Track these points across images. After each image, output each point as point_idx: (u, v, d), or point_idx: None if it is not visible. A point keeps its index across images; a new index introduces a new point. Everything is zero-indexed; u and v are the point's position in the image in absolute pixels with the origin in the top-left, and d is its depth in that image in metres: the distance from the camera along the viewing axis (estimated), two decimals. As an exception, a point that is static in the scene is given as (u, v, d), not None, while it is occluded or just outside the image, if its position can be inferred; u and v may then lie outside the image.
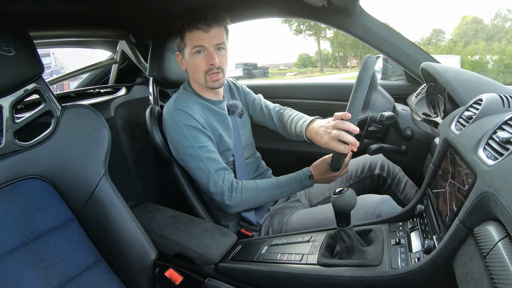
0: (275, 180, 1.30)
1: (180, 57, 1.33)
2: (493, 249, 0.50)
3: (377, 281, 0.80)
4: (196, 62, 1.25)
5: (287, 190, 1.29)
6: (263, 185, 1.28)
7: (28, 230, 0.93)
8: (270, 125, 1.55)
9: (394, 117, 1.17)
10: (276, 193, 1.29)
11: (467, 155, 0.72)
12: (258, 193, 1.26)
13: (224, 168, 1.25)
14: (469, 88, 1.05)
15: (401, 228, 0.98)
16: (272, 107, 1.54)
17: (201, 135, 1.23)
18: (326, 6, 1.40)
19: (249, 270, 1.04)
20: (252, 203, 1.28)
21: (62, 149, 1.02)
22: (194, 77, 1.32)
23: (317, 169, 1.32)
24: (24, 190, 0.95)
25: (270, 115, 1.52)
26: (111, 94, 1.94)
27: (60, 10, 1.32)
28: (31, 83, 0.95)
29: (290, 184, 1.29)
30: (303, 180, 1.30)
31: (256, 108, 1.56)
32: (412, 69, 1.59)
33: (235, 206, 1.25)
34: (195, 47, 1.22)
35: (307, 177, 1.30)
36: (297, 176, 1.31)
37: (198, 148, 1.21)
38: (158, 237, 1.17)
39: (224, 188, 1.22)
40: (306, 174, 1.31)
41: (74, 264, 0.96)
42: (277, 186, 1.28)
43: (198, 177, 1.24)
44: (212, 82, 1.27)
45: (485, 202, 0.56)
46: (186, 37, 1.24)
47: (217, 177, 1.22)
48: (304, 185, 1.30)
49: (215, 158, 1.24)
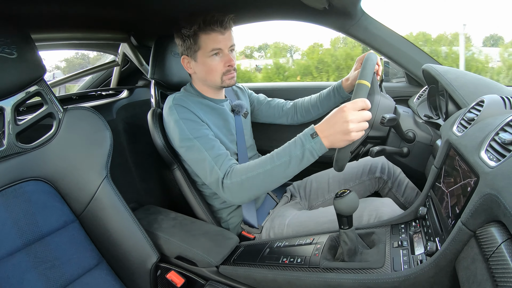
0: (270, 154, 1.08)
1: (187, 60, 1.31)
2: (496, 251, 0.50)
3: (379, 284, 0.80)
4: (214, 64, 1.25)
5: (286, 162, 1.02)
6: (255, 162, 1.09)
7: (30, 232, 0.93)
8: (279, 116, 1.65)
9: (396, 119, 1.17)
10: (273, 169, 1.04)
11: (469, 156, 0.72)
12: (250, 173, 1.06)
13: (222, 154, 1.16)
14: (470, 90, 1.05)
15: (403, 230, 0.98)
16: (279, 100, 1.66)
17: (198, 126, 1.21)
18: (327, 8, 1.40)
19: (250, 273, 1.03)
20: (247, 186, 1.08)
21: (64, 151, 1.02)
22: (208, 79, 1.30)
23: (327, 122, 1.00)
24: (26, 192, 0.96)
25: (279, 106, 1.64)
26: (113, 96, 1.95)
27: (62, 12, 1.32)
28: (33, 85, 0.96)
29: (288, 152, 1.03)
30: (305, 143, 1.01)
31: (263, 103, 1.64)
32: (414, 71, 1.59)
33: (229, 194, 1.11)
34: (212, 50, 1.23)
35: (309, 137, 1.01)
36: (296, 140, 1.05)
37: (196, 139, 1.18)
38: (159, 239, 1.17)
39: (219, 175, 1.11)
40: (307, 133, 1.02)
41: (76, 266, 0.97)
42: (272, 158, 1.05)
43: (198, 169, 1.20)
44: (229, 81, 1.30)
45: (488, 204, 0.56)
46: (201, 39, 1.23)
47: (215, 163, 1.13)
48: (309, 149, 1.00)
49: (213, 145, 1.18)
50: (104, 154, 1.07)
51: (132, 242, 1.06)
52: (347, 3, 1.37)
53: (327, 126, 0.99)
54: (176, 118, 1.21)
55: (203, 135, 1.20)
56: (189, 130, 1.19)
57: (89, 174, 1.04)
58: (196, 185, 1.37)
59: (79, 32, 1.63)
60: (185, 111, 1.22)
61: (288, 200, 1.54)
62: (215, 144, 1.19)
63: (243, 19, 1.70)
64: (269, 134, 1.74)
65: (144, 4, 1.39)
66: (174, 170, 1.34)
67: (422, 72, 1.31)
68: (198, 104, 1.28)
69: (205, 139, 1.19)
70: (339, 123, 0.96)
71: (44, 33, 1.48)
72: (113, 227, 1.05)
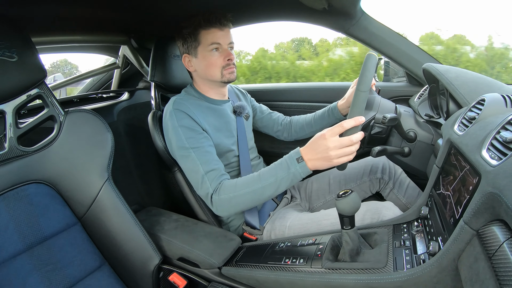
0: (257, 174, 1.12)
1: (187, 58, 1.33)
2: (499, 249, 0.50)
3: (382, 284, 0.80)
4: (213, 58, 1.28)
5: (272, 183, 1.07)
6: (243, 181, 1.13)
7: (32, 235, 0.93)
8: (277, 129, 1.69)
9: (397, 119, 1.17)
10: (258, 189, 1.08)
11: (471, 155, 0.72)
12: (237, 192, 1.11)
13: (215, 170, 1.19)
14: (471, 89, 1.05)
15: (406, 230, 0.97)
16: (280, 114, 1.72)
17: (196, 135, 1.22)
18: (327, 9, 1.40)
19: (253, 274, 1.03)
20: (234, 203, 1.12)
21: (65, 154, 1.02)
22: (209, 74, 1.32)
23: (311, 147, 1.03)
24: (28, 194, 0.96)
25: (279, 119, 1.69)
26: (114, 99, 1.95)
27: (62, 15, 1.33)
28: (33, 88, 0.96)
29: (274, 174, 1.07)
30: (290, 166, 1.05)
31: (265, 113, 1.68)
32: (414, 71, 1.59)
33: (217, 208, 1.16)
34: (212, 44, 1.26)
35: (294, 161, 1.05)
36: (282, 162, 1.09)
37: (192, 149, 1.19)
38: (162, 241, 1.18)
39: (209, 190, 1.15)
40: (293, 157, 1.06)
41: (78, 268, 0.97)
42: (258, 180, 1.09)
43: (190, 178, 1.22)
44: (229, 75, 1.32)
45: (490, 202, 0.56)
46: (201, 35, 1.26)
47: (207, 178, 1.17)
48: (293, 173, 1.04)
49: (208, 159, 1.20)
50: (105, 156, 1.07)
51: (134, 244, 1.06)
52: (346, 3, 1.37)
53: (310, 150, 1.03)
54: (174, 125, 1.21)
55: (200, 146, 1.20)
56: (186, 139, 1.20)
57: (90, 177, 1.04)
58: None
59: (80, 34, 1.63)
60: (185, 117, 1.22)
61: (288, 201, 1.54)
62: (209, 158, 1.20)
63: (243, 20, 1.70)
64: (271, 137, 1.75)
65: (144, 6, 1.40)
66: (175, 172, 1.34)
67: (422, 71, 1.31)
68: (198, 108, 1.28)
69: (201, 151, 1.20)
70: (320, 149, 1.00)
71: (44, 36, 1.49)
72: (115, 229, 1.05)
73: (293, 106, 2.13)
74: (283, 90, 2.20)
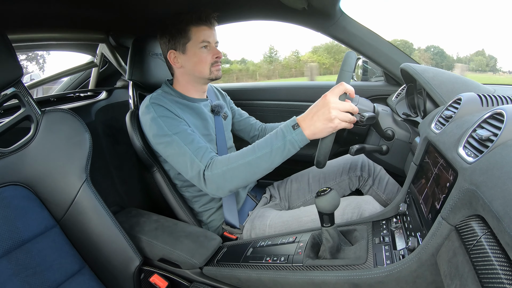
0: (251, 145, 1.08)
1: (174, 55, 1.32)
2: (477, 244, 0.51)
3: (363, 280, 0.81)
4: (203, 55, 1.30)
5: (267, 153, 1.02)
6: (237, 153, 1.08)
7: (10, 238, 0.90)
8: (253, 135, 1.68)
9: (375, 118, 1.18)
10: (253, 159, 1.04)
11: (448, 153, 0.73)
12: (231, 164, 1.06)
13: (203, 147, 1.15)
14: (448, 88, 1.08)
15: (385, 226, 0.99)
16: (256, 120, 1.73)
17: (177, 123, 1.20)
18: (307, 9, 1.42)
19: (235, 273, 1.03)
20: (228, 177, 1.06)
21: (42, 155, 1.00)
22: (197, 70, 1.32)
23: (310, 111, 1.00)
24: (4, 197, 0.93)
25: (255, 125, 1.68)
26: (92, 98, 1.91)
27: (40, 12, 1.29)
28: (10, 87, 0.93)
29: (269, 144, 1.03)
30: (286, 134, 1.01)
31: (243, 117, 1.68)
32: (392, 70, 1.62)
33: (211, 186, 1.10)
34: (202, 42, 1.28)
35: (290, 128, 1.02)
36: (277, 131, 1.04)
37: (175, 134, 1.16)
38: (142, 242, 1.16)
39: (201, 167, 1.10)
40: (289, 124, 1.03)
41: (58, 272, 0.94)
42: (253, 150, 1.05)
43: (178, 163, 1.17)
44: (217, 72, 1.35)
45: (467, 198, 0.58)
46: (191, 32, 1.27)
47: (195, 156, 1.12)
48: (290, 141, 1.01)
49: (193, 139, 1.17)
50: (83, 157, 1.05)
51: (114, 246, 1.04)
52: (326, 4, 1.39)
53: (309, 115, 0.99)
54: (153, 116, 1.19)
55: (182, 130, 1.18)
56: (167, 126, 1.18)
57: (68, 178, 1.02)
58: (177, 187, 1.36)
59: (57, 32, 1.59)
60: (163, 109, 1.21)
61: (267, 201, 1.54)
62: (194, 137, 1.18)
63: (225, 18, 1.70)
64: None
65: (123, 4, 1.37)
66: (154, 172, 1.33)
67: (400, 71, 1.34)
68: (175, 103, 1.27)
69: (184, 133, 1.17)
70: (321, 110, 0.96)
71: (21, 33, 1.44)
72: (94, 231, 1.03)
73: (272, 105, 2.14)
74: (261, 89, 2.20)
